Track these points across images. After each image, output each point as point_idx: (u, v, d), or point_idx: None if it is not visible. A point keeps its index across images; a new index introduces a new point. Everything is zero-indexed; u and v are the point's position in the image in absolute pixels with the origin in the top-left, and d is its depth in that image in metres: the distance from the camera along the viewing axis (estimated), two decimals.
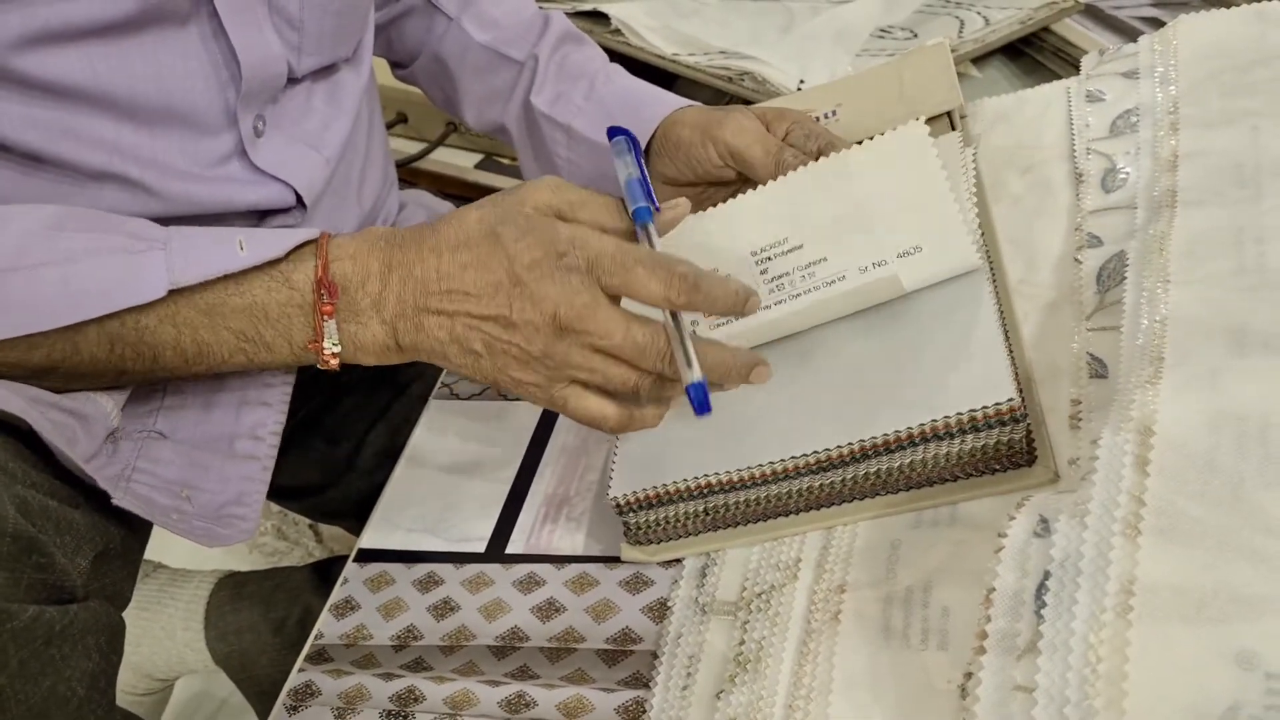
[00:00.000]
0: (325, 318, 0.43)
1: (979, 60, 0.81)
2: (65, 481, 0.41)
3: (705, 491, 0.44)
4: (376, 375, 0.67)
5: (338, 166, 0.55)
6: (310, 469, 0.68)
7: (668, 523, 0.46)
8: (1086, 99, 0.54)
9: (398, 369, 0.62)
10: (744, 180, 0.54)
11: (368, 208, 0.60)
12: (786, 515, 0.44)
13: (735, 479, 0.43)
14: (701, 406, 0.39)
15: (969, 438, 0.40)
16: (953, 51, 0.77)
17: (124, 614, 0.43)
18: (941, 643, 0.34)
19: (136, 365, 0.44)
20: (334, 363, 0.44)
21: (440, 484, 0.56)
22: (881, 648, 0.35)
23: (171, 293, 0.41)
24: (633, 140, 0.47)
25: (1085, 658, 0.27)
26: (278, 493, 0.72)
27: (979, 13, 0.82)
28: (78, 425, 0.42)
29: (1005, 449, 0.40)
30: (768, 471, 0.42)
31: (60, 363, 0.42)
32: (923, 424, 0.40)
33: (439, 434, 0.59)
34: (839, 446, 0.41)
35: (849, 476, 0.42)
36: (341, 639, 0.50)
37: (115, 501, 0.41)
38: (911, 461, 0.41)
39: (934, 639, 0.35)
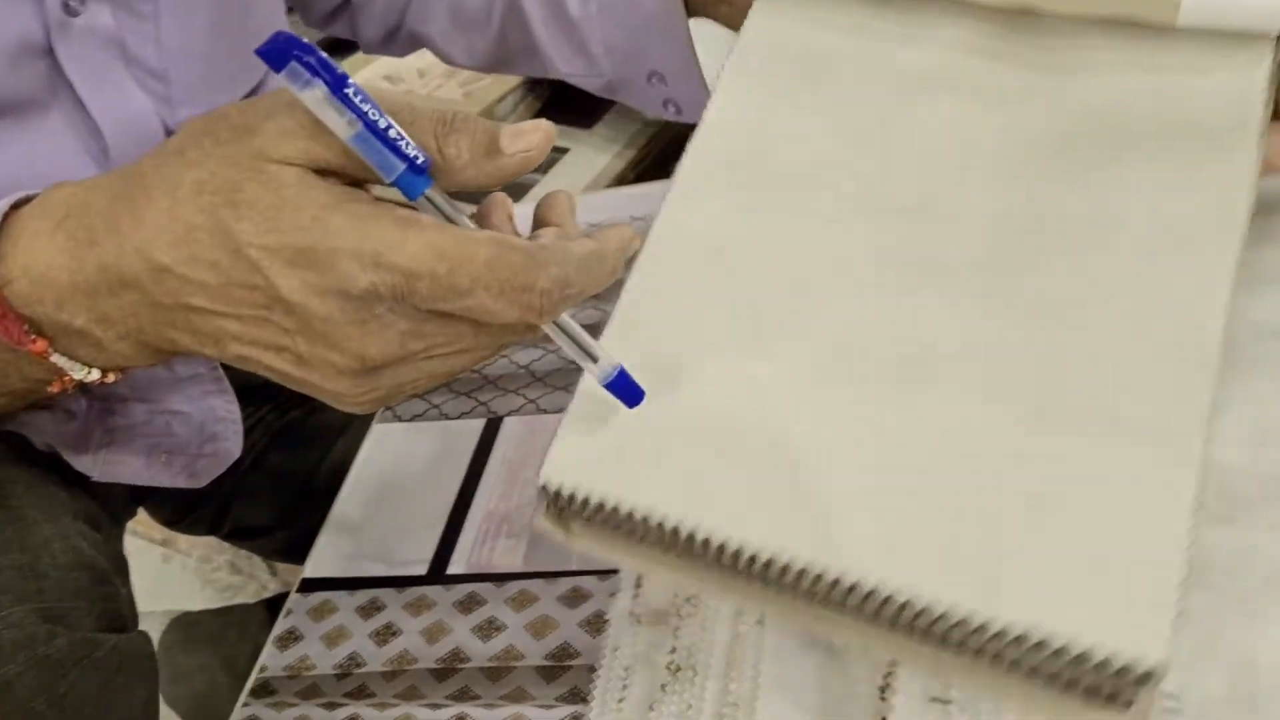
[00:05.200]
0: (42, 355, 0.32)
1: None
2: (90, 512, 0.42)
3: (693, 546, 0.28)
4: (321, 418, 0.67)
5: None
6: (259, 510, 0.68)
7: (617, 529, 0.30)
8: None
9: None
10: None
11: None
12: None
13: (742, 554, 0.28)
14: (633, 396, 0.29)
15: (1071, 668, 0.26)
16: None
17: None
18: None
19: None
20: (112, 378, 0.34)
21: (383, 508, 0.55)
22: (806, 652, 0.35)
23: None
24: (314, 58, 0.27)
25: None
26: (229, 534, 0.71)
27: None
28: (71, 432, 0.42)
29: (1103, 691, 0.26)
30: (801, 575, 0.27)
31: None
32: (1031, 629, 0.25)
33: (381, 458, 0.59)
34: (904, 601, 0.26)
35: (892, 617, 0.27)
36: (285, 671, 0.49)
37: (96, 478, 0.41)
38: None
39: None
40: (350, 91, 0.27)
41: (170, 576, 0.89)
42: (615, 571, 0.46)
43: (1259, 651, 0.27)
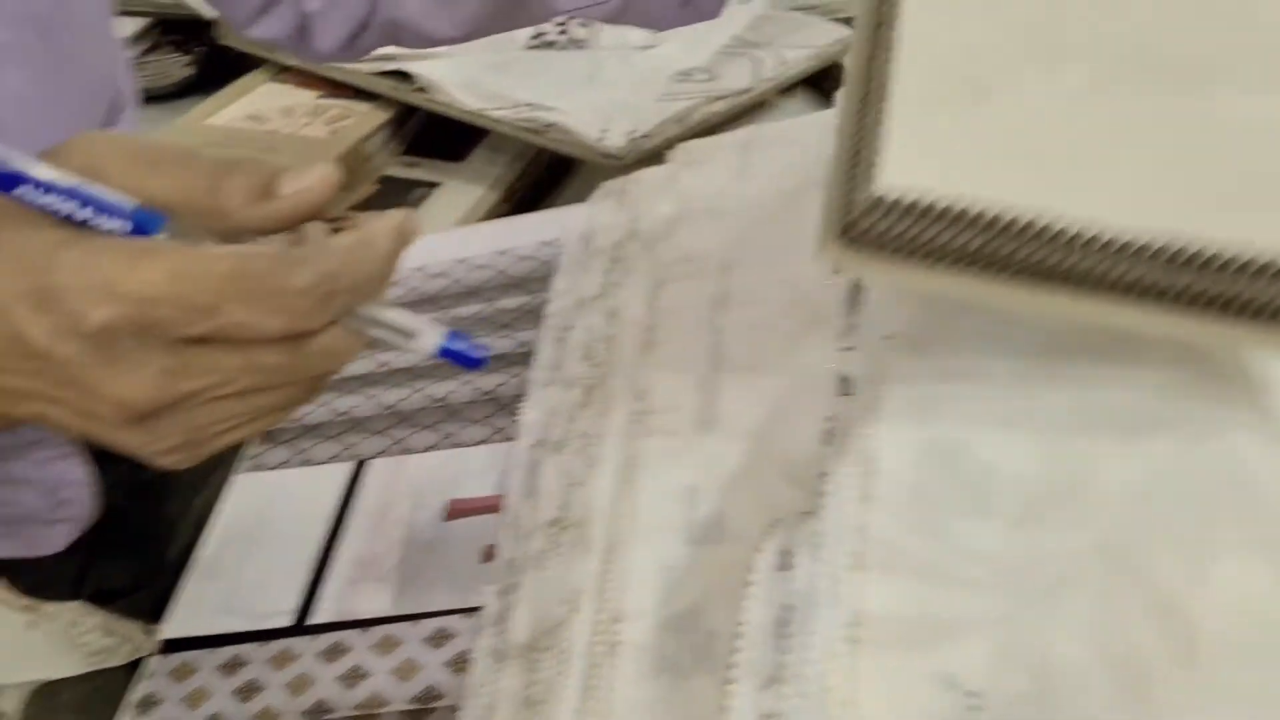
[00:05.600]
0: None
1: (783, 91, 0.86)
2: None
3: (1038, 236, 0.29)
4: (181, 472, 0.65)
5: None
6: (120, 571, 0.65)
7: (914, 250, 0.31)
8: None
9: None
10: None
11: None
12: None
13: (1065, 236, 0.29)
14: (471, 359, 0.29)
15: None
16: (747, 91, 0.81)
17: None
18: (709, 667, 0.35)
19: None
20: None
21: (246, 560, 0.54)
22: (656, 677, 0.36)
23: None
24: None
25: (823, 686, 0.29)
26: (91, 597, 0.68)
27: (776, 52, 0.86)
28: None
29: None
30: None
31: None
32: None
33: (243, 509, 0.57)
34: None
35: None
36: None
37: None
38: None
39: (702, 664, 0.35)
40: (22, 191, 0.27)
41: (36, 644, 0.84)
42: (478, 609, 0.46)
43: (1055, 653, 0.29)
